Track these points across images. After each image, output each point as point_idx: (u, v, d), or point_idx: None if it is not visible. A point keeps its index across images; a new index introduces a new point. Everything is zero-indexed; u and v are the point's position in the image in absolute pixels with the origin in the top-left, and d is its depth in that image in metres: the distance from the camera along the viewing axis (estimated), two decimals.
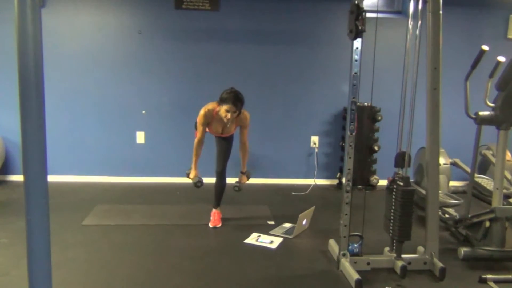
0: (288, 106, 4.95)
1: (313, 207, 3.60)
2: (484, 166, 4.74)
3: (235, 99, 3.20)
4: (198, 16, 4.69)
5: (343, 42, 3.54)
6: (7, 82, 4.51)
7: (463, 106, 3.17)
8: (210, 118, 3.37)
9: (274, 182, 5.02)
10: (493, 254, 3.00)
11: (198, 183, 3.47)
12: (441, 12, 2.66)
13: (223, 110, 3.23)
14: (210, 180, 3.66)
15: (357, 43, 2.61)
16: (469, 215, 3.22)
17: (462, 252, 3.01)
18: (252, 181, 4.82)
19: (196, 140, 3.43)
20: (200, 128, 3.38)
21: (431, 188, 2.85)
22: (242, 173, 3.62)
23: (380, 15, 4.84)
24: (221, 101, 3.24)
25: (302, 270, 2.84)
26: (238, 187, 3.58)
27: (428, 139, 2.83)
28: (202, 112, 3.35)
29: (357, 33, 2.55)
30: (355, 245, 2.83)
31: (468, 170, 3.94)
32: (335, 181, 5.04)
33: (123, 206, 4.00)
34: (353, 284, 2.55)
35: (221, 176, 3.57)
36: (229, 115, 3.22)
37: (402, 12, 5.03)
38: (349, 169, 2.72)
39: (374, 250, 2.95)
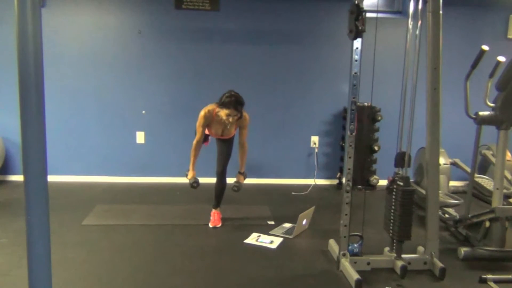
0: (288, 106, 4.95)
1: (313, 207, 3.60)
2: (484, 166, 4.74)
3: (236, 103, 3.20)
4: (198, 16, 4.69)
5: (343, 42, 3.54)
6: (7, 83, 4.51)
7: (463, 106, 3.17)
8: (210, 120, 3.37)
9: (274, 182, 5.02)
10: (493, 254, 3.00)
11: (194, 184, 3.48)
12: (441, 12, 2.66)
13: (224, 113, 3.24)
14: (210, 180, 3.66)
15: (357, 43, 2.61)
16: (469, 215, 3.21)
17: (462, 252, 3.00)
18: (252, 181, 4.85)
19: (195, 141, 3.43)
20: (199, 129, 3.39)
21: (431, 188, 2.85)
22: (240, 173, 3.61)
23: (380, 15, 4.84)
24: (222, 105, 3.23)
25: (302, 270, 2.84)
26: (237, 187, 3.56)
27: (428, 139, 2.83)
28: (202, 113, 3.35)
29: (357, 33, 2.54)
30: (355, 245, 2.83)
31: (468, 170, 3.94)
32: (335, 181, 5.04)
33: (123, 206, 4.00)
34: (353, 284, 2.55)
35: (221, 177, 3.57)
36: (230, 119, 3.25)
37: (402, 12, 5.03)
38: (349, 169, 2.72)
39: (374, 250, 2.95)
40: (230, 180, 3.67)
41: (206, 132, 3.52)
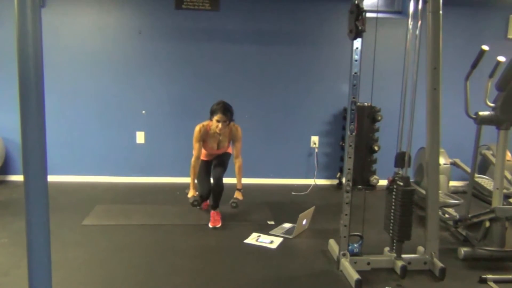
0: (288, 106, 4.95)
1: (313, 207, 3.60)
2: (484, 166, 4.74)
3: (224, 109, 3.40)
4: (198, 16, 4.69)
5: (343, 42, 3.54)
6: (7, 82, 4.51)
7: (463, 106, 3.17)
8: (205, 134, 3.53)
9: (274, 182, 5.02)
10: (493, 254, 3.00)
11: (194, 202, 3.53)
12: (441, 12, 2.66)
13: (214, 121, 3.42)
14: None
15: (357, 43, 2.61)
16: (469, 215, 3.22)
17: (462, 252, 3.01)
18: (252, 181, 4.85)
19: (193, 158, 3.54)
20: (196, 145, 3.52)
21: (431, 188, 2.85)
22: (238, 189, 3.66)
23: (380, 15, 4.84)
24: (211, 113, 3.44)
25: (302, 270, 2.84)
26: (236, 203, 3.60)
27: (428, 139, 2.83)
28: (197, 128, 3.52)
29: (357, 33, 2.54)
30: (355, 245, 2.83)
31: (468, 170, 3.94)
32: (335, 181, 5.04)
33: (123, 206, 4.00)
34: (353, 284, 2.55)
35: (218, 182, 3.58)
36: (220, 125, 3.40)
37: (402, 12, 5.04)
38: (349, 169, 2.72)
39: (374, 250, 2.95)
40: (227, 180, 3.68)
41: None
